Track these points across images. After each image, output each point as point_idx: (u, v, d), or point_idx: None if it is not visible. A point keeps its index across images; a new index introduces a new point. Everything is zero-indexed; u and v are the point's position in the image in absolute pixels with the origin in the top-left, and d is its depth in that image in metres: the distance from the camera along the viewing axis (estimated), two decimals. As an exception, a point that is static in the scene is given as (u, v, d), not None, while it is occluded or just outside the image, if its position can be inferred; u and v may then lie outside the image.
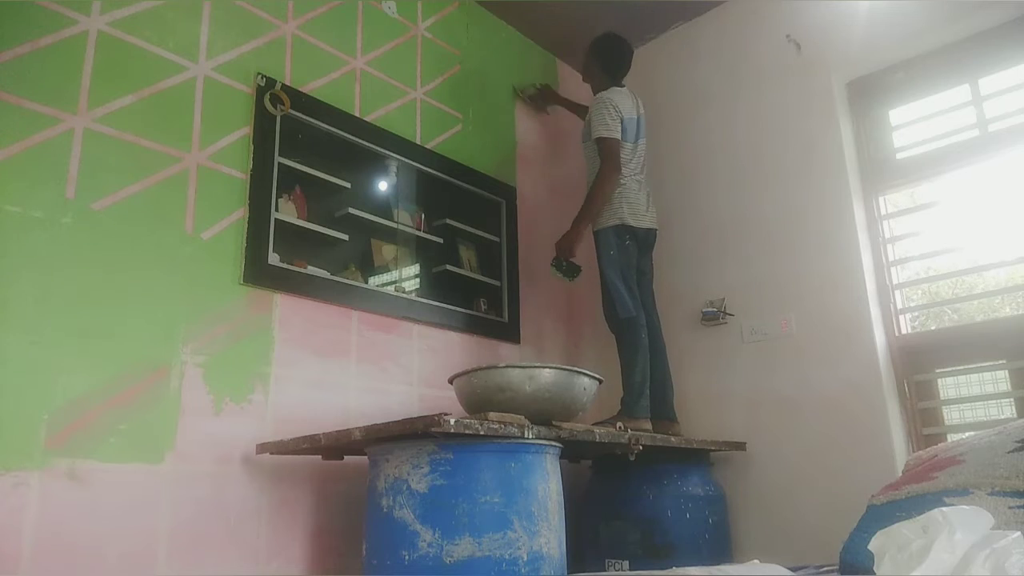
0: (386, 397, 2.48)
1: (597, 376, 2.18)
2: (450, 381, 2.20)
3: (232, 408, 2.07)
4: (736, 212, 3.05)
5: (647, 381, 2.59)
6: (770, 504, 2.71)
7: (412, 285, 2.82)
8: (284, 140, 2.36)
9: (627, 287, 2.64)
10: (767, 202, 2.97)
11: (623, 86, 2.88)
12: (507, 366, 2.03)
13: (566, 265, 2.70)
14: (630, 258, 2.70)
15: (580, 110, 3.26)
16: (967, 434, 2.10)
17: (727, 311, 2.98)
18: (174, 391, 1.96)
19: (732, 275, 3.01)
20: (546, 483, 1.89)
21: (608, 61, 2.91)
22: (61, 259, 1.82)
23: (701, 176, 3.19)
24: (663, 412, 2.69)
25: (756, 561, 1.72)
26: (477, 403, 2.05)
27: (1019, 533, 1.08)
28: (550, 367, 2.05)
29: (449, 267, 2.89)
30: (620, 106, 2.73)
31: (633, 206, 2.72)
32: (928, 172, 2.72)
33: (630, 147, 2.76)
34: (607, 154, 2.68)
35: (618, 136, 2.70)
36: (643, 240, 2.77)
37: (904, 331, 2.67)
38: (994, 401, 2.54)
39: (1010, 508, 1.36)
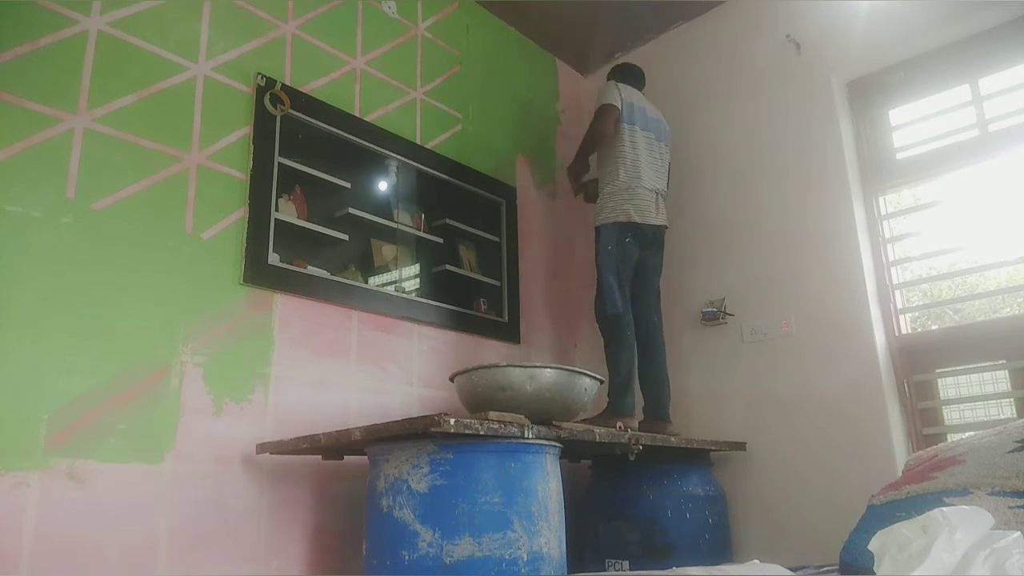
0: (386, 397, 2.48)
1: (598, 376, 2.18)
2: (451, 379, 2.20)
3: (232, 408, 2.07)
4: (736, 212, 3.05)
5: (633, 379, 2.57)
6: (770, 504, 2.71)
7: (412, 285, 2.82)
8: (284, 140, 2.36)
9: (619, 284, 2.62)
10: (767, 202, 2.96)
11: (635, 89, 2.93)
12: (508, 365, 2.03)
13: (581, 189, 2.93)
14: (628, 255, 2.68)
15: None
16: (967, 434, 2.10)
17: (727, 311, 2.98)
18: (174, 391, 1.96)
19: (732, 275, 3.01)
20: (546, 483, 1.89)
21: (617, 72, 3.04)
22: (61, 259, 1.82)
23: (701, 176, 3.19)
24: (656, 413, 2.67)
25: (756, 561, 1.72)
26: (478, 401, 2.05)
27: (1019, 533, 1.08)
28: (551, 367, 2.05)
29: (449, 267, 2.89)
30: (622, 90, 2.79)
31: (639, 203, 2.69)
32: (928, 172, 2.72)
33: (629, 130, 2.75)
34: (599, 112, 2.74)
35: (615, 103, 2.74)
36: (650, 237, 2.75)
37: (904, 331, 2.67)
38: (994, 401, 2.53)
39: (1010, 508, 1.36)
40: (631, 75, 3.02)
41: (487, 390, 2.02)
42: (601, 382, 2.22)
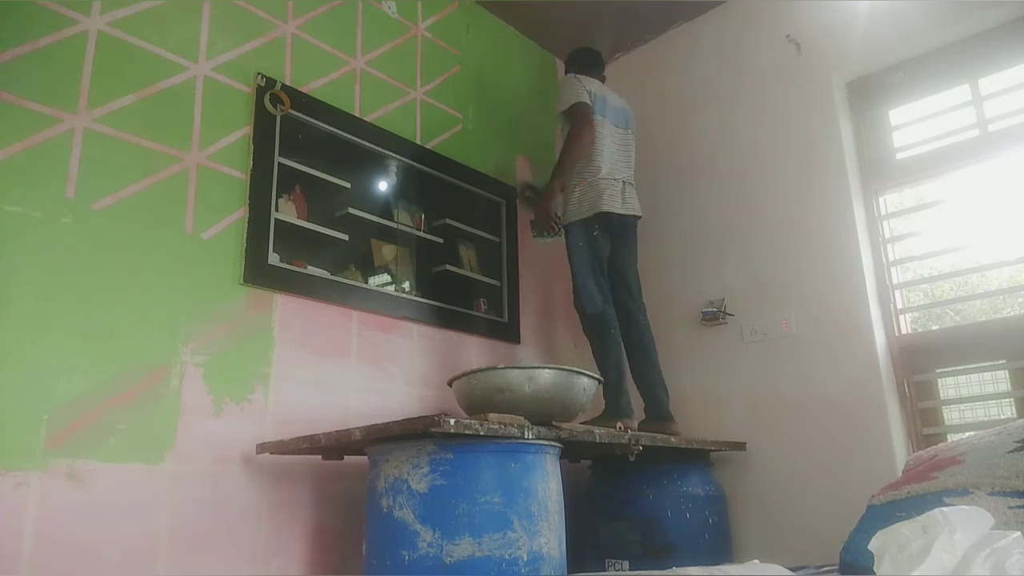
0: (386, 397, 2.48)
1: (597, 376, 2.18)
2: (449, 384, 2.20)
3: (232, 408, 2.07)
4: (736, 212, 3.05)
5: (624, 377, 2.54)
6: (770, 504, 2.71)
7: (412, 285, 2.82)
8: (284, 140, 2.36)
9: (595, 281, 2.57)
10: (767, 202, 2.97)
11: (596, 79, 2.85)
12: (506, 367, 2.02)
13: (547, 230, 2.66)
14: (600, 250, 2.62)
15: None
16: (967, 434, 2.10)
17: (727, 311, 2.98)
18: (174, 391, 1.96)
19: (732, 275, 3.01)
20: (546, 483, 1.89)
21: (576, 63, 2.93)
22: (61, 259, 1.82)
23: (701, 176, 3.19)
24: (657, 412, 2.64)
25: (756, 561, 1.72)
26: (477, 404, 2.05)
27: (1019, 533, 1.08)
28: (549, 367, 2.05)
29: (449, 267, 2.89)
30: (585, 83, 2.71)
31: (604, 194, 2.62)
32: (928, 172, 2.72)
33: (599, 122, 2.69)
34: (576, 114, 2.62)
35: (586, 100, 2.64)
36: (619, 228, 2.68)
37: (904, 331, 2.67)
38: (994, 401, 2.54)
39: (1010, 508, 1.36)
40: (591, 62, 2.94)
41: (486, 392, 2.02)
42: (600, 382, 2.22)
